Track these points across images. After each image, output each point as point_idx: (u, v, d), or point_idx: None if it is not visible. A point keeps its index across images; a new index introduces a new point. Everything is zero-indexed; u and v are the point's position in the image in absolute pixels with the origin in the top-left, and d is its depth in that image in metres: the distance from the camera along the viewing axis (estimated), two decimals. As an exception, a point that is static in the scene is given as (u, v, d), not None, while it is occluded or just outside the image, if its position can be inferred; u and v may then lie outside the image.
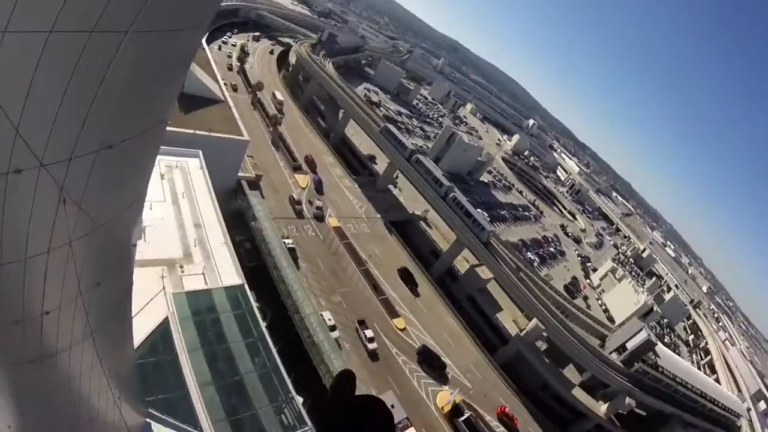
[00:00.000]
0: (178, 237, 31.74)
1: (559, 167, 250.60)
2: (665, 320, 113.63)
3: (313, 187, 68.93)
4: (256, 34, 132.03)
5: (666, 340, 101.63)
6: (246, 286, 31.05)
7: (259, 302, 37.34)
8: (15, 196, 4.19)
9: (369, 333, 49.29)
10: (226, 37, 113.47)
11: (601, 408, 60.08)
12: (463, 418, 47.65)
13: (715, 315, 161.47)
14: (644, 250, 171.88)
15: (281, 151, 73.70)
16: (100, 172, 4.94)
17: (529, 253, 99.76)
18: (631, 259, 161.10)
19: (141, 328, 22.82)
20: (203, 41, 73.39)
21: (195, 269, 30.21)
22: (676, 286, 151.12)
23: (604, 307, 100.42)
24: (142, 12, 3.52)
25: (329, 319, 47.57)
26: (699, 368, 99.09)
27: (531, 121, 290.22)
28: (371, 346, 48.18)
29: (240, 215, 53.42)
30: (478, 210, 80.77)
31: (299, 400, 27.30)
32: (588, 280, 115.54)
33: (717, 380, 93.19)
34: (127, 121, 4.77)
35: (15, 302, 5.75)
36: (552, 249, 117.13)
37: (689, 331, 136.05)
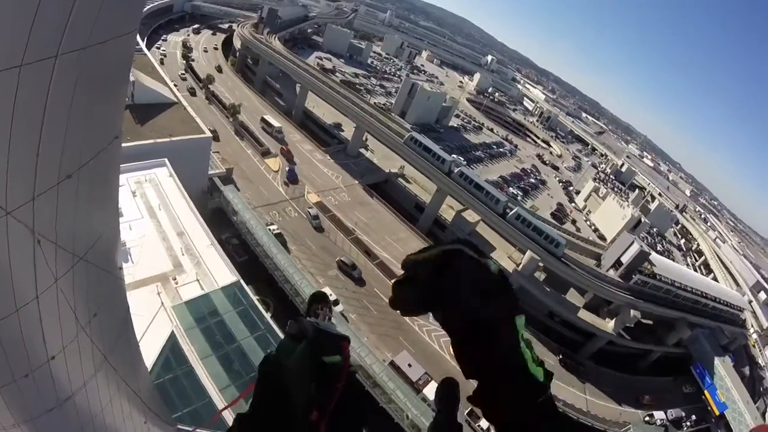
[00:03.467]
0: (164, 250, 31.25)
1: (525, 98, 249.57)
2: (654, 229, 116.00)
3: (286, 177, 66.74)
4: (196, 26, 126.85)
5: (659, 248, 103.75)
6: (242, 282, 30.90)
7: (259, 294, 37.35)
8: (-9, 251, 3.96)
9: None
10: (172, 34, 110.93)
11: (609, 324, 61.63)
12: (478, 362, 48.70)
13: (702, 216, 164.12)
14: (623, 164, 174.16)
15: (246, 139, 72.47)
16: (67, 204, 4.70)
17: (510, 188, 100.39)
18: (611, 176, 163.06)
19: (150, 348, 22.69)
20: (143, 46, 70.68)
21: (188, 278, 29.97)
22: (660, 194, 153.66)
23: (593, 227, 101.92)
24: (65, 33, 3.23)
25: (330, 294, 47.48)
26: (695, 270, 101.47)
27: (489, 57, 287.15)
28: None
29: (220, 213, 52.81)
30: (454, 155, 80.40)
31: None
32: (573, 204, 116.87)
33: (714, 278, 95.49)
34: (79, 146, 4.50)
35: (20, 356, 5.54)
36: (533, 180, 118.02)
37: (680, 236, 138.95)
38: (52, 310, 5.48)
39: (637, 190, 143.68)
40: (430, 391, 42.41)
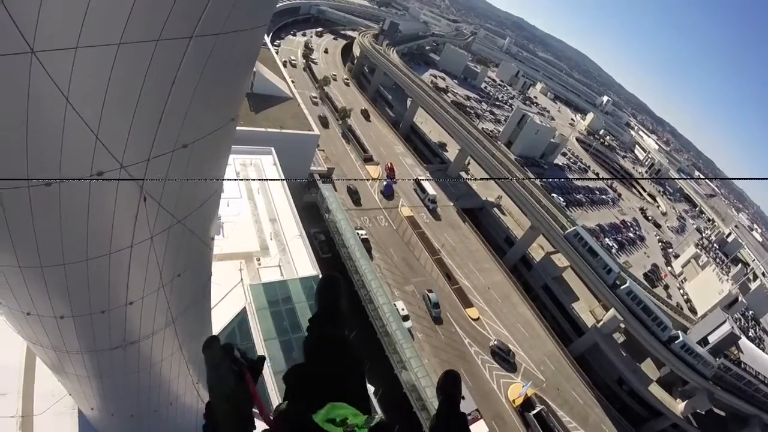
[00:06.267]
0: (255, 231, 32.76)
1: (636, 146, 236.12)
2: (750, 312, 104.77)
3: (382, 190, 66.86)
4: (319, 29, 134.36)
5: (750, 334, 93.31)
6: (320, 277, 31.41)
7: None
8: (99, 197, 4.49)
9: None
10: (290, 36, 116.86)
11: (679, 406, 56.09)
12: (534, 412, 46.11)
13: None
14: (729, 234, 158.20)
15: (351, 143, 74.87)
16: (177, 171, 5.16)
17: (606, 239, 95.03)
18: (715, 245, 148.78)
19: (220, 318, 23.72)
20: (267, 41, 75.18)
21: (271, 261, 31.14)
22: (763, 274, 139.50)
23: (685, 297, 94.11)
24: (202, 18, 3.63)
25: (402, 309, 47.72)
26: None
27: (605, 98, 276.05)
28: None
29: (314, 208, 54.81)
30: (553, 194, 77.40)
31: (370, 389, 27.51)
32: (669, 268, 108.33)
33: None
34: (199, 121, 4.99)
35: (101, 294, 6.17)
36: (631, 234, 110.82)
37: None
38: (141, 262, 6.10)
39: (739, 265, 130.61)
40: (477, 428, 40.99)
